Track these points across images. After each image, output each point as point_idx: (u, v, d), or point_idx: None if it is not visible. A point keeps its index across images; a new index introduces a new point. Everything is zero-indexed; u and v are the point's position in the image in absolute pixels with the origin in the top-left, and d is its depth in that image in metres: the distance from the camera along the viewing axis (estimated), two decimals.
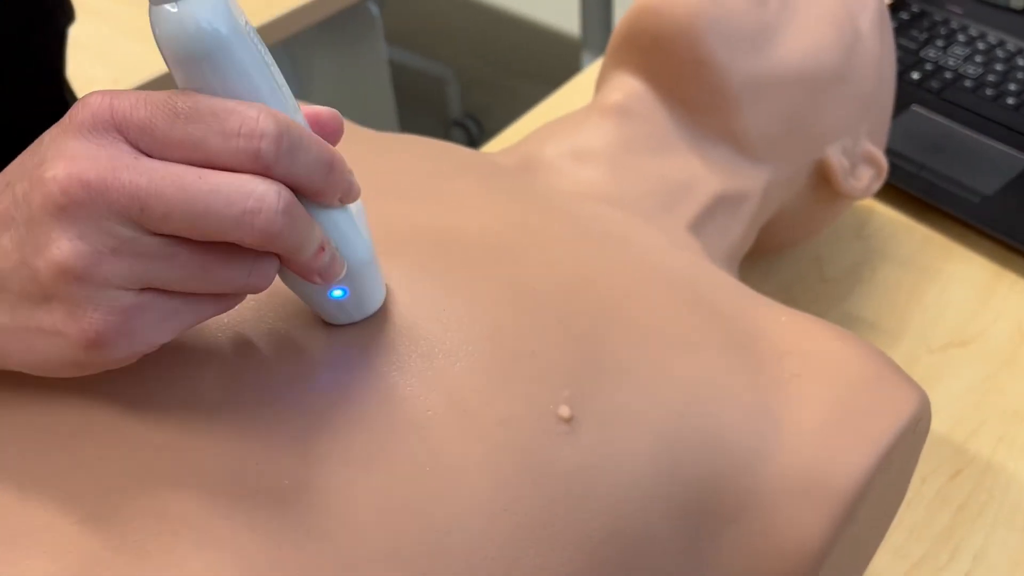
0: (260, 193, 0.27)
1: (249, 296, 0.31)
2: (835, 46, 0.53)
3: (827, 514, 0.34)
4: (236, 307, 0.31)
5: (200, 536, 0.28)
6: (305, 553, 0.29)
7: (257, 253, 0.28)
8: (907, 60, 0.79)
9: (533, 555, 0.31)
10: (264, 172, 0.27)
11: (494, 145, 0.76)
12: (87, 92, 0.28)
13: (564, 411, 0.33)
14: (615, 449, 0.34)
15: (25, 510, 0.29)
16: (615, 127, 0.50)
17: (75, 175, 0.26)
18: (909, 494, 0.54)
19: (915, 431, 0.38)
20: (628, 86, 0.51)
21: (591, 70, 0.84)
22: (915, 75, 0.78)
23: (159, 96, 0.27)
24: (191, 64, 0.27)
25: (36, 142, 0.28)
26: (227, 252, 0.28)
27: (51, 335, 0.28)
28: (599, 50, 1.56)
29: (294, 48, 1.29)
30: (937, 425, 0.57)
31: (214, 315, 0.30)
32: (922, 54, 0.79)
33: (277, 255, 0.29)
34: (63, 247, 0.26)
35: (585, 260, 0.40)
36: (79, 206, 0.26)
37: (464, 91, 1.88)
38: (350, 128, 0.48)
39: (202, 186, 0.26)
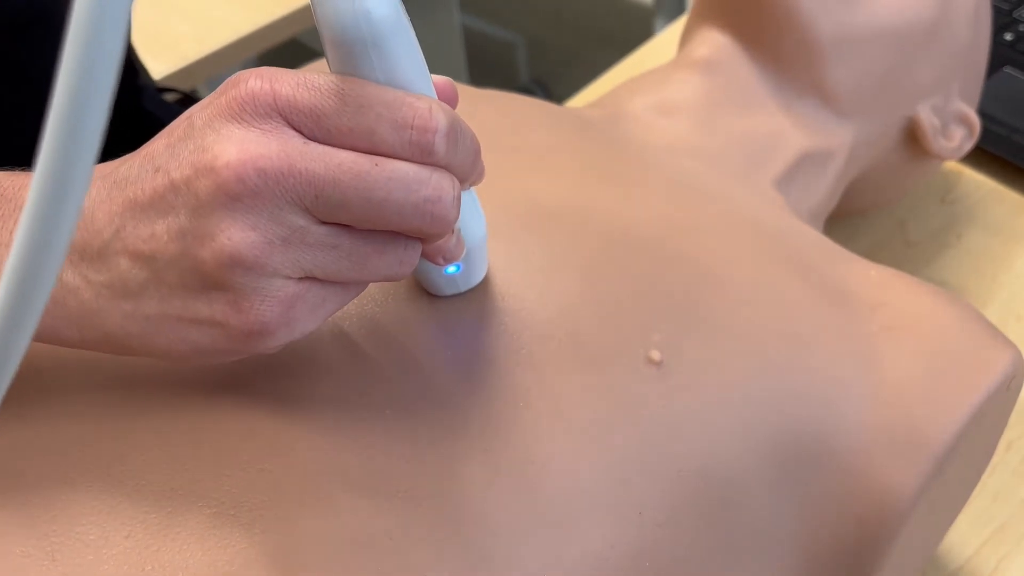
0: (436, 182, 0.26)
1: None
2: (929, 1, 0.51)
3: (919, 465, 0.34)
4: None
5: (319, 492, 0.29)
6: (409, 468, 0.30)
7: (408, 240, 0.28)
8: (1000, 21, 0.76)
9: (626, 490, 0.32)
10: (430, 164, 0.27)
11: None
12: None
13: (654, 354, 0.33)
14: (706, 394, 0.34)
15: (175, 503, 0.29)
16: (701, 81, 0.49)
17: (249, 162, 0.25)
18: (994, 459, 0.53)
19: (1009, 388, 0.38)
20: (714, 40, 0.51)
21: (663, 36, 0.83)
22: (1008, 36, 0.75)
23: (321, 81, 0.26)
24: (354, 49, 0.26)
25: (183, 123, 0.27)
26: (382, 241, 0.28)
27: (209, 325, 0.27)
28: (672, 17, 1.53)
29: None
30: None
31: (352, 299, 0.29)
32: (1016, 14, 0.77)
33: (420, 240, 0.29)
34: (234, 237, 0.25)
35: (674, 213, 0.40)
36: (254, 195, 0.25)
37: (533, 58, 1.87)
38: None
39: (380, 174, 0.26)
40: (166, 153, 0.27)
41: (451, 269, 0.32)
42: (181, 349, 0.28)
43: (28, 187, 0.29)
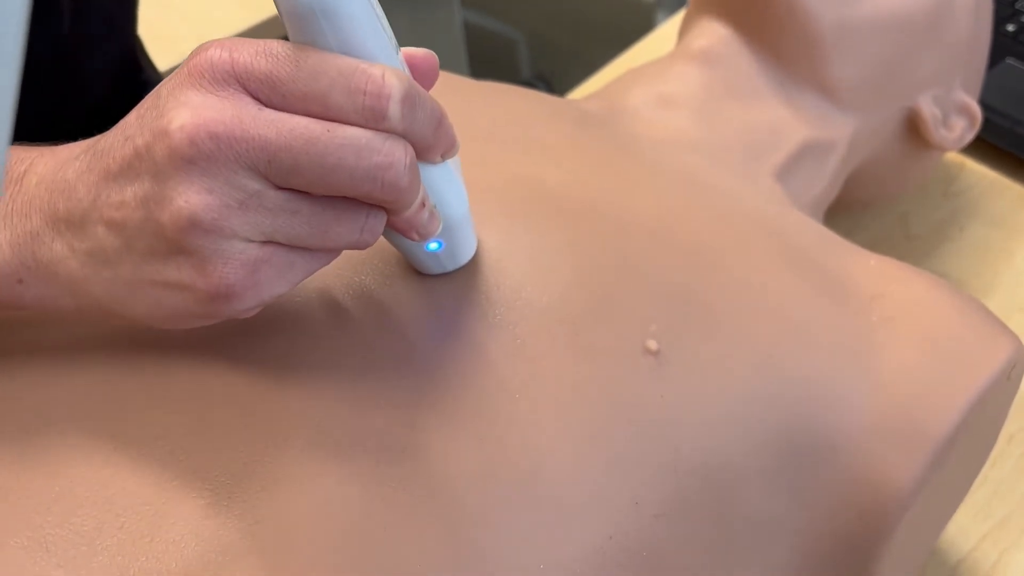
0: (389, 148, 0.27)
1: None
2: None
3: (919, 456, 0.34)
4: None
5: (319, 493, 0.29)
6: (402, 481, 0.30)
7: (369, 208, 0.28)
8: (1002, 12, 0.76)
9: (622, 481, 0.31)
10: (384, 130, 0.27)
11: None
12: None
13: (651, 344, 0.33)
14: (703, 386, 0.34)
15: (170, 479, 0.29)
16: (700, 73, 0.49)
17: (202, 126, 0.26)
18: (995, 452, 0.53)
19: (1009, 377, 0.38)
20: (714, 32, 0.51)
21: (663, 29, 0.83)
22: (1010, 27, 0.75)
23: (279, 48, 0.27)
24: (305, 18, 0.27)
25: (152, 95, 0.28)
26: (342, 208, 0.28)
27: (178, 289, 0.27)
28: (673, 11, 1.53)
29: None
30: None
31: (324, 266, 0.30)
32: (1018, 5, 0.76)
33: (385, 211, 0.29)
34: (191, 200, 0.26)
35: (672, 205, 0.40)
36: (207, 158, 0.26)
37: (534, 53, 1.87)
38: (442, 75, 0.48)
39: (331, 139, 0.26)
40: (136, 123, 0.28)
41: (432, 246, 0.32)
42: (159, 313, 0.28)
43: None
